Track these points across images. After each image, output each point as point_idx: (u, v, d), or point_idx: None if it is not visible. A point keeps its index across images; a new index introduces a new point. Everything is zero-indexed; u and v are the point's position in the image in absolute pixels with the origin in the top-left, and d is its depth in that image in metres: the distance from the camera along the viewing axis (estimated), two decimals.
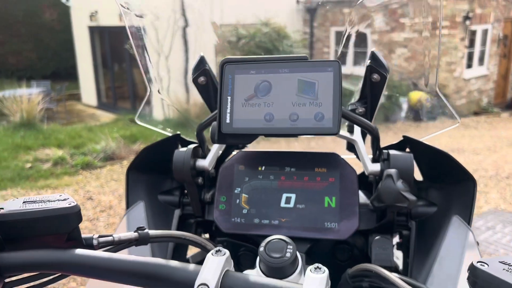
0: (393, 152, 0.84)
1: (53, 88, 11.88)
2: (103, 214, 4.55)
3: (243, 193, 0.87)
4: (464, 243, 0.78)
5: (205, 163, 0.93)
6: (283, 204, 0.85)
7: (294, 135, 0.71)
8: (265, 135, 0.73)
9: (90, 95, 12.64)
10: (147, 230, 0.65)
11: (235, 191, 0.87)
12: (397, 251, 0.98)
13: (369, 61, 0.82)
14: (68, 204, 0.55)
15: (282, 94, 0.70)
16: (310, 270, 0.49)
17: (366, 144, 0.94)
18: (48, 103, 10.10)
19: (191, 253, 1.05)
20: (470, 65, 11.41)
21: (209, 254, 0.51)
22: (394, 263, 1.01)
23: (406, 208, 0.76)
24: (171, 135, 1.00)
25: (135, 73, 10.90)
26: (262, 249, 0.60)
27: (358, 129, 0.95)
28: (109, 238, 0.61)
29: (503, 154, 6.93)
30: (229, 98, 0.72)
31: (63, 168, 6.16)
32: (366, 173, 0.90)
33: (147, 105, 1.12)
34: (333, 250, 0.89)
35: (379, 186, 0.78)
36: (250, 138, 0.75)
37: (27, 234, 0.54)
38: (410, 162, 0.82)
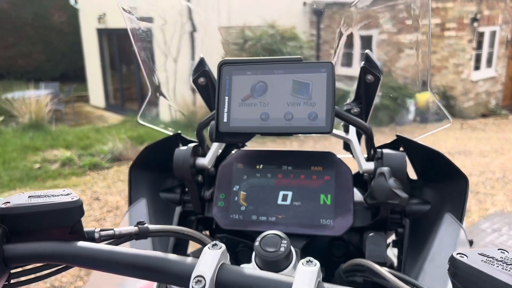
0: (386, 151, 0.86)
1: (61, 89, 11.98)
2: (109, 214, 4.58)
3: (241, 190, 0.89)
4: (455, 240, 0.80)
5: (204, 161, 0.95)
6: (280, 202, 0.87)
7: (288, 134, 0.73)
8: (261, 134, 0.75)
9: (98, 96, 12.73)
10: (147, 225, 0.68)
11: (234, 189, 0.89)
12: (393, 249, 0.99)
13: (363, 62, 0.84)
14: (71, 199, 0.58)
15: (277, 94, 0.73)
16: (302, 263, 0.51)
17: (362, 144, 0.96)
18: (57, 104, 10.19)
19: (192, 249, 1.08)
20: (478, 67, 11.33)
21: (205, 247, 0.53)
22: (390, 260, 1.02)
23: (398, 205, 0.78)
24: (172, 134, 1.02)
25: (143, 75, 10.96)
26: (257, 243, 0.62)
27: (353, 129, 0.97)
28: (110, 232, 0.64)
29: (510, 156, 6.88)
30: (226, 98, 0.74)
31: (71, 168, 6.22)
32: (360, 171, 0.92)
33: (149, 105, 1.15)
34: (329, 246, 0.91)
35: (372, 184, 0.80)
36: (246, 136, 0.77)
37: (32, 227, 0.56)
38: (403, 160, 0.84)
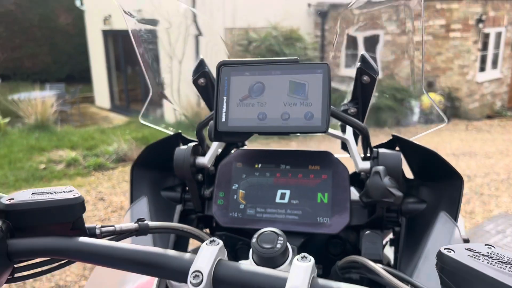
0: (382, 150, 0.87)
1: (67, 91, 12.06)
2: (114, 215, 4.61)
3: (240, 189, 0.90)
4: (449, 238, 0.81)
5: (204, 160, 0.96)
6: (278, 200, 0.88)
7: (285, 133, 0.75)
8: (258, 133, 0.77)
9: (103, 97, 12.79)
10: (146, 222, 0.69)
11: (233, 187, 0.91)
12: (391, 247, 1.01)
13: (359, 63, 0.86)
14: (73, 195, 0.59)
15: (274, 95, 0.74)
16: (297, 259, 0.52)
17: (359, 143, 0.97)
18: (62, 105, 10.26)
19: (192, 247, 1.09)
20: (483, 68, 11.29)
21: (203, 243, 0.55)
22: (387, 258, 1.04)
23: (393, 203, 0.79)
24: (172, 134, 1.04)
25: (155, 76, 10.99)
26: (254, 240, 0.63)
27: (350, 128, 0.98)
28: (110, 228, 0.65)
29: None
30: (225, 98, 0.76)
31: (76, 169, 6.26)
32: (356, 170, 0.93)
33: (150, 106, 1.17)
34: (326, 244, 0.92)
35: (367, 182, 0.81)
36: (244, 136, 0.79)
37: (35, 223, 0.58)
38: (398, 159, 0.85)
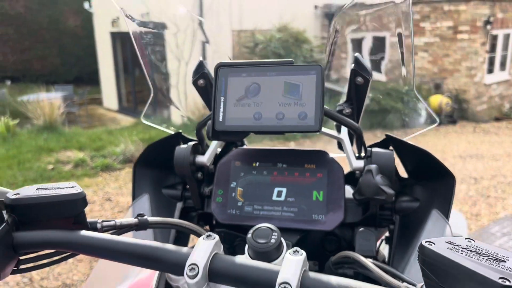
0: (375, 149, 0.89)
1: (75, 92, 12.17)
2: (120, 215, 4.66)
3: (239, 187, 0.93)
4: (441, 235, 0.83)
5: (203, 159, 0.99)
6: (274, 197, 0.91)
7: (280, 132, 0.77)
8: (254, 133, 0.79)
9: (111, 99, 12.89)
10: (146, 217, 0.72)
11: (231, 185, 0.94)
12: (387, 245, 1.02)
13: (353, 65, 0.88)
14: (75, 191, 0.62)
15: (270, 95, 0.77)
16: (289, 253, 0.54)
17: (354, 143, 0.99)
18: (70, 107, 10.36)
19: (192, 245, 1.12)
20: (491, 70, 11.23)
21: (200, 238, 0.58)
22: (383, 256, 1.05)
23: (385, 201, 0.81)
24: (173, 133, 1.07)
25: (155, 78, 11.07)
26: (249, 235, 0.65)
27: (345, 128, 1.00)
28: (111, 223, 0.68)
29: None
30: (222, 99, 0.78)
31: (83, 169, 6.32)
32: (350, 169, 0.96)
33: (151, 106, 1.20)
34: (322, 241, 0.95)
35: (360, 180, 0.84)
36: (241, 135, 0.82)
37: (39, 217, 0.61)
38: (390, 158, 0.87)
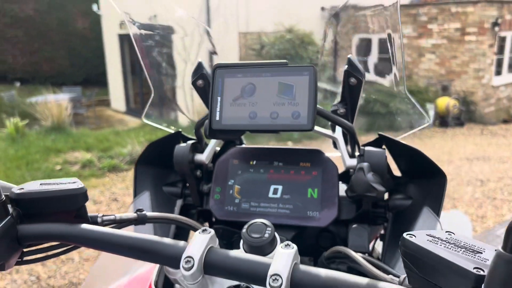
0: (368, 148, 0.91)
1: (83, 94, 12.29)
2: None
3: (236, 184, 0.96)
4: None
5: (202, 157, 1.02)
6: (271, 195, 0.93)
7: (274, 131, 0.80)
8: (249, 131, 0.82)
9: (119, 101, 12.98)
10: (145, 212, 0.75)
11: (229, 183, 0.96)
12: (381, 242, 1.04)
13: (346, 66, 0.90)
14: (77, 186, 0.65)
15: (264, 95, 0.79)
16: (281, 247, 0.56)
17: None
18: (78, 108, 10.46)
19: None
20: (499, 72, 11.18)
21: (196, 232, 0.60)
22: (378, 253, 1.07)
23: (376, 198, 0.83)
24: (173, 132, 1.09)
25: (163, 80, 11.15)
26: (244, 230, 0.67)
27: (340, 128, 1.03)
28: (111, 217, 0.71)
29: None
30: (219, 98, 0.81)
31: (90, 170, 6.39)
32: (344, 167, 0.98)
33: (152, 106, 1.23)
34: (317, 238, 0.97)
35: (352, 178, 0.86)
36: (236, 133, 0.84)
37: (42, 210, 0.64)
38: (382, 157, 0.89)
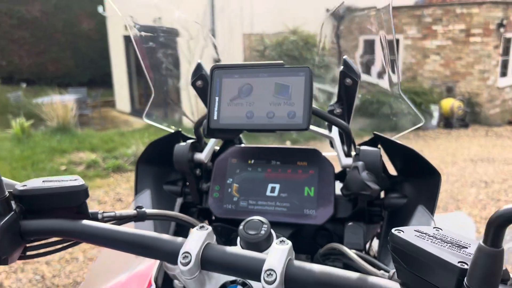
0: (363, 147, 0.93)
1: (89, 95, 12.34)
2: None
3: (234, 183, 0.97)
4: None
5: (201, 156, 1.04)
6: (268, 193, 0.95)
7: (270, 130, 0.81)
8: (246, 130, 0.84)
9: (124, 101, 13.03)
10: (144, 209, 0.77)
11: (228, 181, 0.98)
12: (378, 240, 1.06)
13: (342, 67, 0.92)
14: (78, 183, 0.67)
15: (261, 95, 0.81)
16: (276, 243, 0.57)
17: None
18: (83, 109, 10.52)
19: None
20: (504, 73, 11.14)
21: (194, 229, 0.61)
22: (374, 250, 1.09)
23: (370, 196, 0.85)
24: (173, 131, 1.11)
25: (164, 80, 11.20)
26: (241, 227, 0.69)
27: (336, 128, 1.04)
28: (111, 214, 0.73)
29: None
30: (217, 98, 0.83)
31: (95, 170, 6.42)
32: (340, 166, 0.99)
33: (153, 106, 1.25)
34: (314, 236, 0.99)
35: (347, 176, 0.88)
36: (234, 132, 0.86)
37: (45, 207, 0.66)
38: (377, 156, 0.91)
